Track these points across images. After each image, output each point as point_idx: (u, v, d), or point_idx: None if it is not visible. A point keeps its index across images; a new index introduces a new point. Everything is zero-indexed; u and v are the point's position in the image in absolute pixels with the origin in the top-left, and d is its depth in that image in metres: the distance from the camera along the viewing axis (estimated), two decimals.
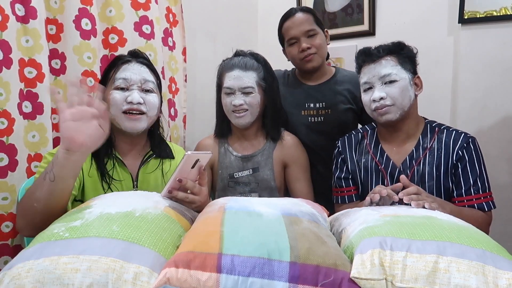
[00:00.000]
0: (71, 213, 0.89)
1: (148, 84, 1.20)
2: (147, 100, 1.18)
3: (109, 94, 1.17)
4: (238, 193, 1.46)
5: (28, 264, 0.71)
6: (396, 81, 1.22)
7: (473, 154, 1.23)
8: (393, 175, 1.28)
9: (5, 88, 1.15)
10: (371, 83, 1.26)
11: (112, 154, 1.20)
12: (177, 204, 1.02)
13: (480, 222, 1.17)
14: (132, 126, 1.18)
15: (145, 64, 1.23)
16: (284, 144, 1.49)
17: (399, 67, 1.24)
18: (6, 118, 1.15)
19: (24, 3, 1.22)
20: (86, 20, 1.37)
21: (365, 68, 1.28)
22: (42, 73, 1.27)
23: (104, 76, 1.23)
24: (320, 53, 1.57)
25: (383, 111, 1.23)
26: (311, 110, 1.62)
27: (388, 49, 1.26)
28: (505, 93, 1.76)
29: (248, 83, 1.38)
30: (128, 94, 1.16)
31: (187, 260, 0.71)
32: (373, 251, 0.74)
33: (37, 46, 1.25)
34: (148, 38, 1.55)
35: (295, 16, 1.57)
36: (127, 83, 1.17)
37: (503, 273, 0.70)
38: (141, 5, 1.53)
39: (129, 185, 1.22)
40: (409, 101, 1.25)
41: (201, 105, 2.07)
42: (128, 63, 1.20)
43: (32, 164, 1.26)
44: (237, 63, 1.40)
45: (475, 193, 1.22)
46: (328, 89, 1.62)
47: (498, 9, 1.73)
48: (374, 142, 1.36)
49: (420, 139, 1.28)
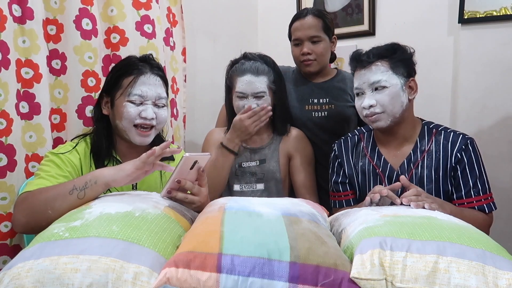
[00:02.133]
0: (71, 213, 0.89)
1: (161, 100, 1.21)
2: (159, 115, 1.20)
3: (121, 106, 1.16)
4: (245, 182, 1.51)
5: (28, 264, 0.71)
6: (386, 87, 1.20)
7: (472, 155, 1.22)
8: (391, 178, 1.27)
9: (3, 88, 1.15)
10: (361, 89, 1.24)
11: (112, 156, 1.21)
12: (177, 204, 1.02)
13: (480, 223, 1.16)
14: (142, 141, 1.19)
15: (159, 75, 1.22)
16: (290, 137, 1.54)
17: (390, 72, 1.20)
18: (4, 119, 1.15)
19: (21, 3, 1.22)
20: (87, 20, 1.37)
21: (356, 73, 1.27)
22: (39, 73, 1.27)
23: (115, 80, 1.19)
24: (319, 61, 1.60)
25: (373, 118, 1.22)
26: (315, 105, 1.65)
27: (379, 54, 1.22)
28: (505, 93, 1.76)
29: (260, 88, 1.43)
30: (142, 109, 1.17)
31: (187, 260, 0.71)
32: (373, 251, 0.74)
33: (34, 46, 1.26)
34: (150, 38, 1.55)
35: (305, 18, 1.59)
36: (142, 99, 1.18)
37: (503, 273, 0.70)
38: (142, 5, 1.54)
39: (128, 186, 1.22)
40: (400, 107, 1.21)
41: (200, 105, 2.07)
42: (144, 75, 1.18)
43: (30, 164, 1.26)
44: (249, 68, 1.44)
45: (475, 195, 1.21)
46: (332, 86, 1.66)
47: (498, 9, 1.73)
48: (371, 145, 1.34)
49: (418, 141, 1.27)
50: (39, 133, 1.28)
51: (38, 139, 1.27)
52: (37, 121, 1.27)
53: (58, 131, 1.37)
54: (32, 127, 1.26)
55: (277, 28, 2.46)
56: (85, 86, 1.38)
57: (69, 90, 1.37)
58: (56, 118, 1.36)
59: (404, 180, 1.13)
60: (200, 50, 2.06)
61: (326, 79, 1.67)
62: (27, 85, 1.25)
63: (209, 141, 1.58)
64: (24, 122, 1.25)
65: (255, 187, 1.50)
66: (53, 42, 1.34)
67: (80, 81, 1.37)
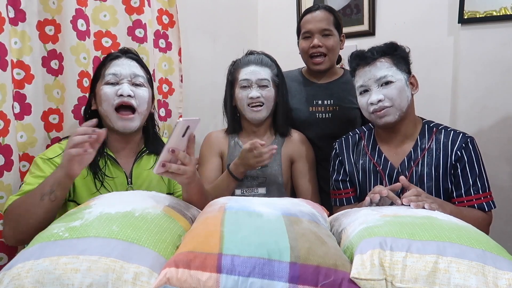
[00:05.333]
0: (70, 213, 0.89)
1: (138, 78, 1.21)
2: (137, 94, 1.19)
3: (99, 90, 1.19)
4: (246, 186, 1.49)
5: (28, 264, 0.71)
6: (392, 82, 1.21)
7: (472, 154, 1.22)
8: (392, 176, 1.27)
9: (1, 90, 1.15)
10: (367, 86, 1.25)
11: (104, 152, 1.20)
12: (177, 203, 1.02)
13: (480, 222, 1.16)
14: (124, 125, 1.19)
15: (134, 59, 1.24)
16: (292, 140, 1.53)
17: (394, 68, 1.23)
18: (2, 120, 1.16)
19: (14, 5, 1.23)
20: (81, 21, 1.38)
21: (359, 71, 1.27)
22: (31, 74, 1.27)
23: (95, 74, 1.24)
24: (330, 56, 1.59)
25: (381, 113, 1.22)
26: (319, 106, 1.64)
27: (382, 51, 1.24)
28: (505, 93, 1.76)
29: (265, 75, 1.45)
30: (118, 88, 1.17)
31: (187, 260, 0.71)
32: (373, 251, 0.74)
33: (25, 48, 1.26)
34: (141, 42, 1.56)
35: (316, 11, 1.59)
36: (117, 78, 1.18)
37: (503, 273, 0.70)
38: (134, 10, 1.55)
39: (123, 182, 1.22)
40: (407, 101, 1.24)
41: (200, 105, 2.07)
42: (118, 59, 1.22)
43: (21, 164, 1.27)
44: (253, 59, 1.47)
45: (475, 193, 1.21)
46: (337, 87, 1.64)
47: (498, 9, 1.73)
48: (371, 143, 1.35)
49: (418, 139, 1.27)
50: (30, 133, 1.28)
51: (29, 139, 1.28)
52: (27, 121, 1.28)
53: (58, 131, 1.37)
54: (22, 127, 1.27)
55: (277, 28, 2.46)
56: (81, 86, 1.38)
57: (66, 90, 1.37)
58: (55, 118, 1.36)
59: (404, 181, 1.13)
60: (199, 50, 2.05)
61: (332, 79, 1.66)
62: (18, 86, 1.26)
63: (207, 143, 1.56)
64: (16, 122, 1.25)
65: (256, 191, 1.47)
66: (51, 43, 1.34)
67: (76, 82, 1.37)
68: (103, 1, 1.48)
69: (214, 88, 2.06)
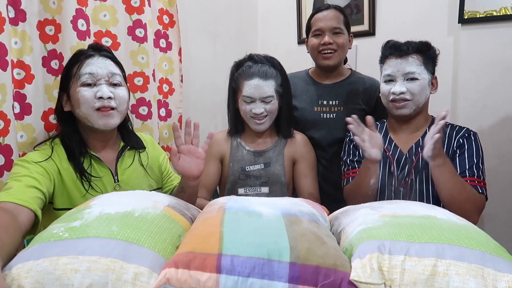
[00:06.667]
0: (70, 213, 0.89)
1: (116, 77, 1.18)
2: (117, 94, 1.17)
3: (76, 92, 1.14)
4: (249, 186, 1.50)
5: (28, 264, 0.70)
6: (417, 79, 1.28)
7: (473, 144, 1.28)
8: (400, 161, 1.35)
9: (1, 90, 1.15)
10: (393, 77, 1.31)
11: (87, 153, 1.19)
12: (177, 203, 1.02)
13: (474, 201, 1.20)
14: (105, 123, 1.16)
15: (109, 57, 1.20)
16: (294, 141, 1.56)
17: (422, 67, 1.29)
18: (2, 120, 1.16)
19: (15, 5, 1.23)
20: (82, 21, 1.38)
21: (390, 60, 1.32)
22: (31, 74, 1.27)
23: (66, 73, 1.18)
24: (339, 53, 1.61)
25: (400, 105, 1.30)
26: (324, 106, 1.66)
27: (417, 48, 1.30)
28: (505, 93, 1.76)
29: (268, 92, 1.43)
30: (97, 90, 1.14)
31: (187, 261, 0.71)
32: (371, 255, 0.74)
33: (26, 48, 1.26)
34: (142, 42, 1.56)
35: (327, 10, 1.61)
36: (93, 78, 1.14)
37: (503, 275, 0.70)
38: (135, 9, 1.54)
39: (110, 180, 1.22)
40: (425, 98, 1.32)
41: (200, 105, 2.07)
42: (92, 58, 1.17)
43: None
44: (257, 72, 1.43)
45: (469, 176, 1.25)
46: (343, 88, 1.66)
47: (498, 9, 1.73)
48: (383, 133, 1.42)
49: (427, 130, 1.33)
50: (30, 133, 1.28)
51: (29, 139, 1.28)
52: (27, 121, 1.28)
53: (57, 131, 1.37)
54: (22, 127, 1.27)
55: (277, 29, 2.47)
56: None
57: None
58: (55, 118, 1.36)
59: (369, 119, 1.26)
60: (200, 50, 2.06)
61: (338, 79, 1.68)
62: (18, 86, 1.25)
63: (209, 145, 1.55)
64: (16, 122, 1.25)
65: (259, 191, 1.50)
66: (52, 43, 1.34)
67: None
68: (103, 1, 1.49)
69: (214, 88, 2.07)
